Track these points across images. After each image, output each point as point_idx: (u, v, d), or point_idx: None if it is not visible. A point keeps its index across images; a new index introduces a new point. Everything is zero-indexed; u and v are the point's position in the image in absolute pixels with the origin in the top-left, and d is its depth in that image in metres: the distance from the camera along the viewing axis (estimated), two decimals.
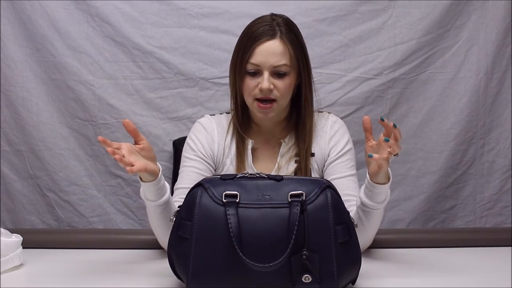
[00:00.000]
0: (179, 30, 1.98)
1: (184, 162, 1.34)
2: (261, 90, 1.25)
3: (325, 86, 1.99)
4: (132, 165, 1.04)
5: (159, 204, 1.15)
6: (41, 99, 1.98)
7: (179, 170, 1.34)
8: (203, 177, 1.07)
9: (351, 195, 1.27)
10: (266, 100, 1.27)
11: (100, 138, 1.03)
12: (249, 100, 1.30)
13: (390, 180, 1.15)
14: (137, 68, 1.98)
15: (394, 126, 1.08)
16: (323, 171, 1.35)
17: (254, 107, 1.29)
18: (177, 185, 1.32)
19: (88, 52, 1.97)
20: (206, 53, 1.98)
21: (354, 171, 1.35)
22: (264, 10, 1.38)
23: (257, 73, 1.26)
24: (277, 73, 1.26)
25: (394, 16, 1.99)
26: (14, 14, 1.94)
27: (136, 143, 1.11)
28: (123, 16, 1.96)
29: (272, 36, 1.26)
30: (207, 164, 1.33)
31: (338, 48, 1.99)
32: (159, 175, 1.13)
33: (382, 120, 1.08)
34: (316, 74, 1.98)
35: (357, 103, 2.00)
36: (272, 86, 1.25)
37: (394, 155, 1.09)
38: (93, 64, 1.97)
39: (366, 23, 1.99)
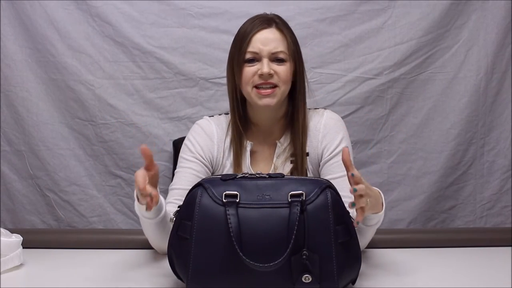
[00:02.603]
0: (179, 30, 1.98)
1: (181, 163, 1.32)
2: (261, 75, 1.25)
3: (325, 86, 1.99)
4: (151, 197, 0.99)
5: (156, 222, 1.12)
6: (41, 99, 1.98)
7: (175, 171, 1.33)
8: (199, 179, 1.05)
9: (345, 196, 1.24)
10: (266, 85, 1.26)
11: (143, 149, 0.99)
12: (248, 89, 1.27)
13: (384, 207, 1.11)
14: (137, 68, 1.98)
15: (352, 175, 0.97)
16: (319, 171, 1.33)
17: (254, 95, 1.27)
18: (172, 185, 1.30)
19: (88, 52, 1.97)
20: (206, 53, 1.98)
21: None
22: (264, 10, 1.38)
23: (255, 61, 1.27)
24: (276, 60, 1.26)
25: (394, 16, 1.99)
26: (14, 14, 1.94)
27: (148, 168, 1.02)
28: (123, 16, 1.96)
29: (268, 25, 1.28)
30: (204, 167, 1.32)
31: (338, 48, 1.99)
32: (160, 199, 1.08)
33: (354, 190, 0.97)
34: (316, 74, 1.98)
35: (357, 103, 2.00)
36: (272, 71, 1.25)
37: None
38: (93, 64, 1.97)
39: (366, 23, 1.99)
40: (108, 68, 1.98)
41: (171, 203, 1.23)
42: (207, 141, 1.33)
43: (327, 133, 1.33)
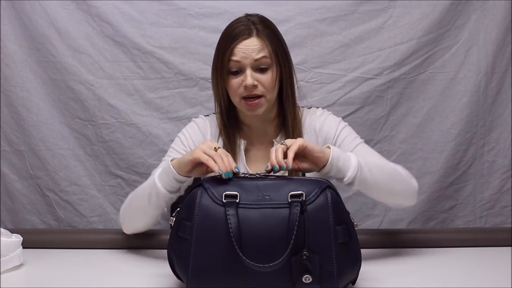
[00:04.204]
0: (179, 30, 1.98)
1: (170, 152, 1.35)
2: (245, 87, 1.26)
3: (325, 86, 1.99)
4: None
5: (169, 197, 1.16)
6: (41, 99, 1.98)
7: (163, 158, 1.34)
8: None
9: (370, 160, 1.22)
10: (252, 97, 1.27)
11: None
12: (236, 100, 1.30)
13: (331, 150, 1.11)
14: (137, 68, 1.98)
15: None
16: None
17: (242, 106, 1.30)
18: (155, 171, 1.27)
19: (88, 52, 1.97)
20: (206, 53, 1.98)
21: (359, 140, 1.33)
22: (264, 10, 1.38)
23: (239, 72, 1.28)
24: (259, 68, 1.27)
25: (394, 16, 1.99)
26: (14, 14, 1.94)
27: None
28: (123, 16, 1.96)
29: (248, 35, 1.28)
30: None
31: (338, 48, 1.99)
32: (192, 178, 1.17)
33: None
34: (316, 74, 1.98)
35: (357, 103, 2.00)
36: (256, 82, 1.26)
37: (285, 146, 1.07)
38: (93, 64, 1.97)
39: (366, 23, 1.99)
40: (108, 68, 1.98)
41: None
42: (200, 138, 1.36)
43: (322, 126, 1.36)
